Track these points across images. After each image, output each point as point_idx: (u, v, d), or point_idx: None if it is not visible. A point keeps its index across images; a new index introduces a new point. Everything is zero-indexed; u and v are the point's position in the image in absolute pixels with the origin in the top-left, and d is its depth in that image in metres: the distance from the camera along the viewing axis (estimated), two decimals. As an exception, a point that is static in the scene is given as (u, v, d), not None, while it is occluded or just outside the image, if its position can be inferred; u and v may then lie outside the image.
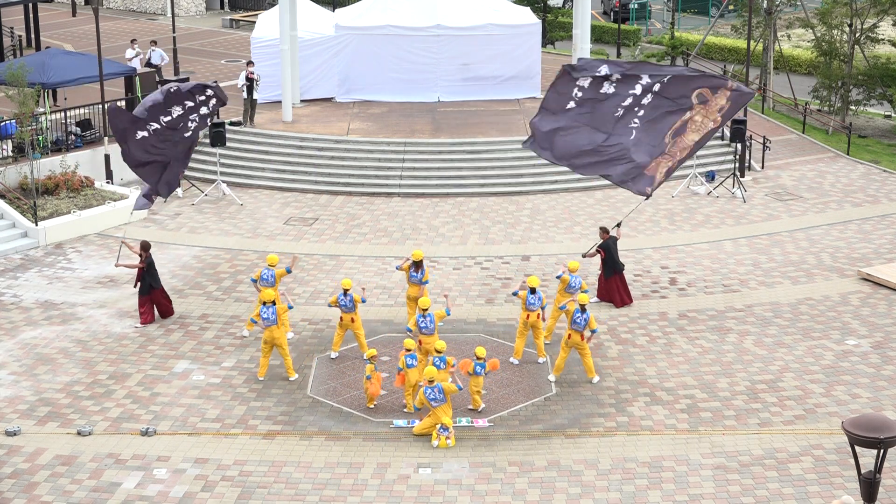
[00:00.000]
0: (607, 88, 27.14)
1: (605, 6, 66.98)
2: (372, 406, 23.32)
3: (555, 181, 36.40)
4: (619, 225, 28.84)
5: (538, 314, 24.86)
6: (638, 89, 27.11)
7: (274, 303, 24.18)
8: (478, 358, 22.97)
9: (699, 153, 37.60)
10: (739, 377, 24.73)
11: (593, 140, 27.28)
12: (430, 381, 21.90)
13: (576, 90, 27.10)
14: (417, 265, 26.22)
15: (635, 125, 27.21)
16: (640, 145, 27.17)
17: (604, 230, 28.43)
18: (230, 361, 25.35)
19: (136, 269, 27.11)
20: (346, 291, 24.90)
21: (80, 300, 28.45)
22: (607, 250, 28.10)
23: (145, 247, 27.28)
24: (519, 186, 36.16)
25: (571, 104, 27.15)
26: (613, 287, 28.16)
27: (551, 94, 27.31)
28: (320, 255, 31.37)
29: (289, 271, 26.31)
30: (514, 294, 25.50)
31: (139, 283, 27.12)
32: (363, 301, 25.22)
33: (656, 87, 27.01)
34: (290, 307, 24.81)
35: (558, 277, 27.03)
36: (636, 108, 27.18)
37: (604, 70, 27.16)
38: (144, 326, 26.87)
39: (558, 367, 24.50)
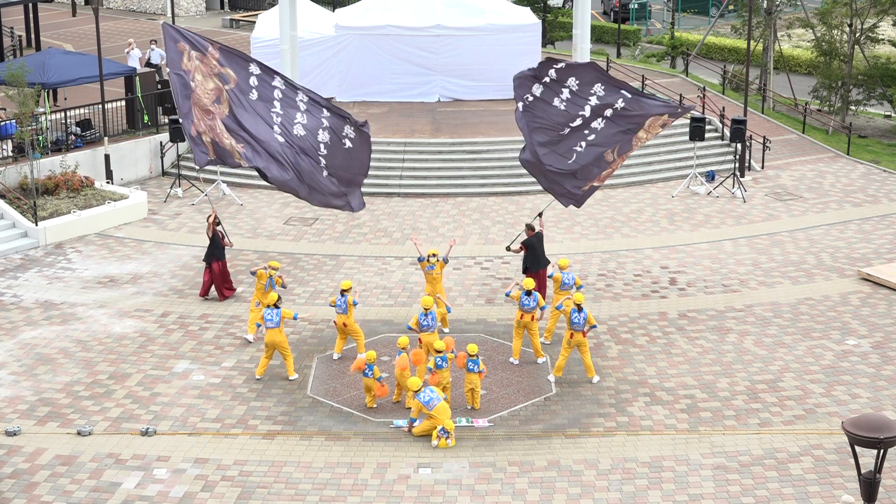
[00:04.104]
0: (558, 103, 27.16)
1: (605, 6, 66.98)
2: (373, 406, 23.31)
3: (555, 181, 36.43)
4: (540, 215, 28.57)
5: (532, 315, 24.85)
6: (587, 111, 27.06)
7: (278, 306, 24.20)
8: (470, 355, 22.99)
9: (699, 153, 37.70)
10: (739, 377, 24.73)
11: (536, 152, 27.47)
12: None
13: (528, 95, 27.29)
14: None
15: (579, 149, 27.30)
16: (579, 171, 27.41)
17: (529, 227, 27.97)
18: (230, 361, 25.35)
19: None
20: (342, 292, 24.91)
21: (80, 300, 28.45)
22: (530, 247, 27.66)
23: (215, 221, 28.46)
24: (519, 186, 36.15)
25: (519, 105, 27.28)
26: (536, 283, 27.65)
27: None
28: (320, 255, 31.37)
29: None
30: (507, 295, 25.51)
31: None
32: (354, 304, 25.08)
33: (608, 112, 27.00)
34: (295, 317, 24.80)
35: (550, 276, 27.07)
36: (585, 132, 27.17)
37: (552, 75, 27.19)
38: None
39: (559, 367, 24.50)
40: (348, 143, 26.97)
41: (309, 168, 26.59)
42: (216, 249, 28.30)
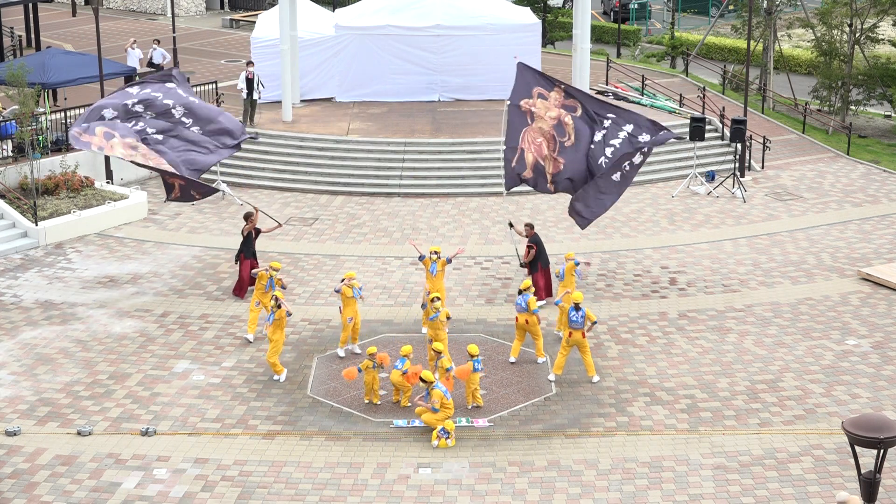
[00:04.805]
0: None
1: (605, 6, 67.00)
2: (370, 403, 23.32)
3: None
4: (511, 225, 28.87)
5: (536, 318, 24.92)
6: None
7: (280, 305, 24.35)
8: (471, 356, 23.01)
9: (699, 153, 37.70)
10: (739, 377, 24.73)
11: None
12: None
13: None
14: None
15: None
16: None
17: (529, 226, 28.26)
18: (230, 361, 25.35)
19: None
20: (343, 280, 25.16)
21: (80, 300, 28.45)
22: (538, 244, 28.01)
23: (246, 216, 28.84)
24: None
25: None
26: (536, 282, 27.74)
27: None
28: (320, 255, 31.37)
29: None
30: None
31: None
32: (354, 295, 25.06)
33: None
34: (289, 314, 24.82)
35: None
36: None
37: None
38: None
39: (558, 365, 24.50)
40: (194, 99, 30.04)
41: (191, 140, 29.48)
42: (245, 248, 28.47)
